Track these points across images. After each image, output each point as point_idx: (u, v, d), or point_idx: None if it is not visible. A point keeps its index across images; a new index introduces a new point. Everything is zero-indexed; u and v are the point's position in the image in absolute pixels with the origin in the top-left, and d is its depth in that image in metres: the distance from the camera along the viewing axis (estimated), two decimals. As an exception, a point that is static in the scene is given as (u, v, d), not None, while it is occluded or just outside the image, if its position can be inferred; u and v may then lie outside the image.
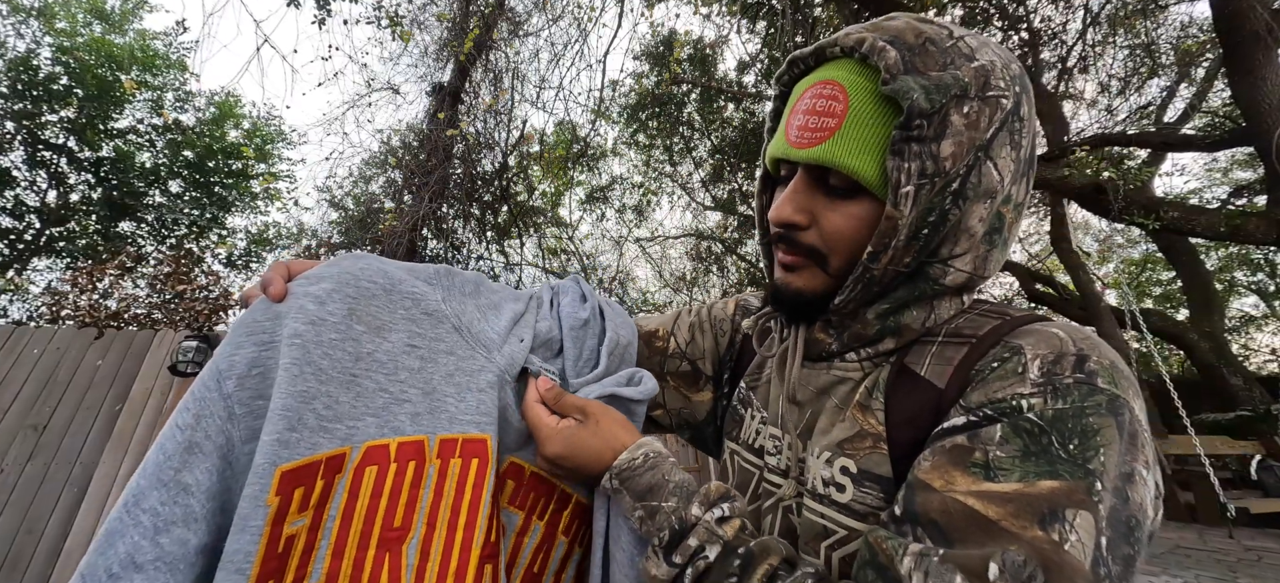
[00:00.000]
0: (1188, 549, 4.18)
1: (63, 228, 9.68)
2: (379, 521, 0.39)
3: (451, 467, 0.42)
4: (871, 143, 0.42)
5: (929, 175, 0.41)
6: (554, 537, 0.49)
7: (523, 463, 0.48)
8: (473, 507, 0.42)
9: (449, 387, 0.44)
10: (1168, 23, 7.55)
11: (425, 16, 6.81)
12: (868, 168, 0.42)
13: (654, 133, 9.79)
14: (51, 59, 9.07)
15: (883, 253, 0.43)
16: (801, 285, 0.49)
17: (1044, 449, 0.35)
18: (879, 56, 0.42)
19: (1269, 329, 13.36)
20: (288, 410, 0.37)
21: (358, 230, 6.68)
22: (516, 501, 0.47)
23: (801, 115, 0.45)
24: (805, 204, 0.46)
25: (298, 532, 0.37)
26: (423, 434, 0.42)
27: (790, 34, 5.54)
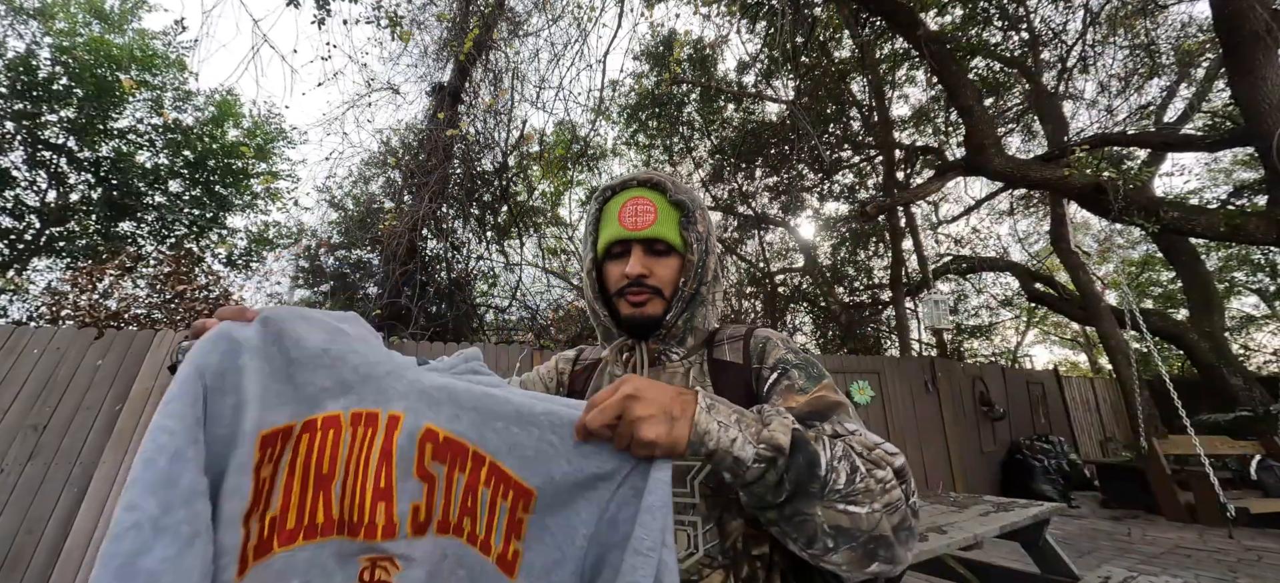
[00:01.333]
0: (1188, 549, 4.18)
1: (63, 228, 9.67)
2: (313, 467, 0.58)
3: (359, 432, 0.60)
4: (672, 224, 0.80)
5: (701, 239, 0.80)
6: (477, 486, 0.59)
7: (439, 429, 0.61)
8: (365, 459, 0.59)
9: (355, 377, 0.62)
10: (1168, 23, 7.55)
11: (425, 16, 6.80)
12: (676, 237, 0.79)
13: (654, 133, 9.78)
14: (51, 59, 9.07)
15: (687, 282, 0.79)
16: (650, 312, 0.79)
17: (811, 371, 0.74)
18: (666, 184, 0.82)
19: (1269, 329, 13.36)
20: (261, 397, 0.56)
21: (358, 230, 6.68)
22: (438, 457, 0.60)
23: (631, 214, 0.79)
24: (647, 263, 0.79)
25: (266, 476, 0.55)
26: (339, 410, 0.60)
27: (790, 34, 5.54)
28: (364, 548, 0.57)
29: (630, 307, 0.79)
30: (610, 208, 0.82)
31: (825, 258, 11.53)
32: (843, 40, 8.19)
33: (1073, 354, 18.61)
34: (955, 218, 11.84)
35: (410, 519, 0.58)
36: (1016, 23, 7.32)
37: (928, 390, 6.15)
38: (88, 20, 9.66)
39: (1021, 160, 5.33)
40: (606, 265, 0.83)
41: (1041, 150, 7.39)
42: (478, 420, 0.61)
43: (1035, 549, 2.92)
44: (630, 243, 0.79)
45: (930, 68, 5.68)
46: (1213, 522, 4.85)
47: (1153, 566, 3.75)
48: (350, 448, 0.59)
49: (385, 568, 0.57)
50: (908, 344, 9.50)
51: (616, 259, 0.81)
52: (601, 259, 0.84)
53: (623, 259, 0.80)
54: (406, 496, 0.58)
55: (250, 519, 0.52)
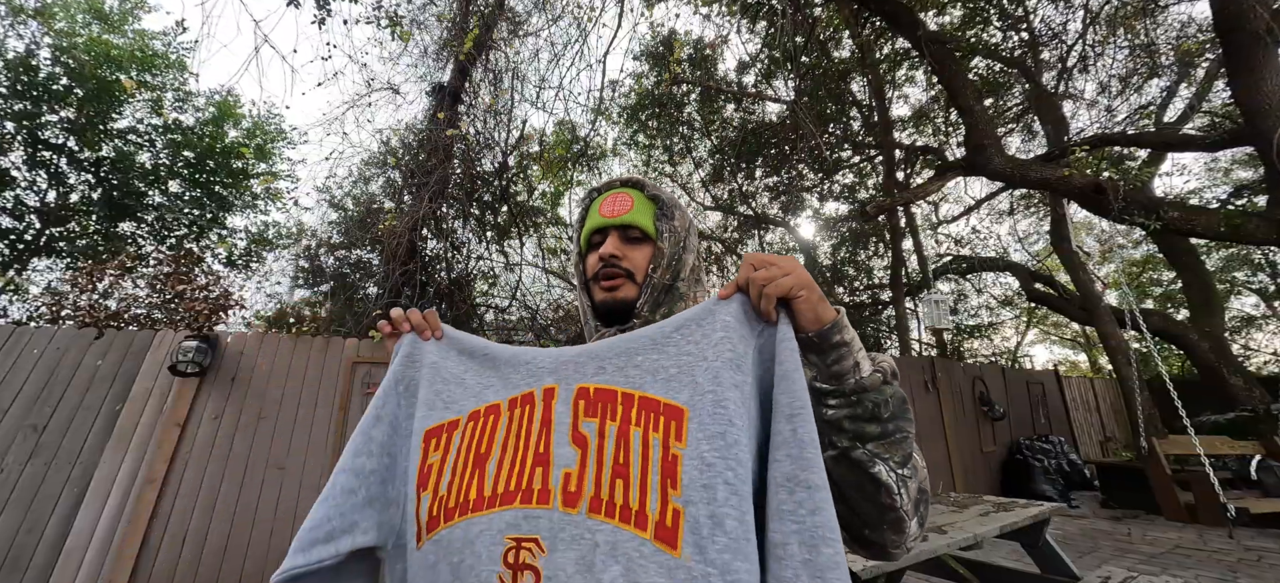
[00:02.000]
0: (1188, 549, 4.18)
1: (63, 228, 9.67)
2: (473, 449, 0.65)
3: (515, 413, 0.67)
4: (647, 216, 0.84)
5: (674, 232, 0.84)
6: (628, 431, 0.61)
7: (588, 385, 0.66)
8: (527, 433, 0.65)
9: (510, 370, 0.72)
10: (1168, 23, 7.55)
11: (425, 16, 6.80)
12: (649, 226, 0.83)
13: (654, 133, 9.78)
14: (51, 59, 9.07)
15: (657, 269, 0.82)
16: (623, 296, 0.82)
17: None
18: (643, 184, 0.88)
19: (1269, 329, 13.36)
20: (427, 401, 0.72)
21: (358, 230, 6.68)
22: (589, 414, 0.63)
23: (610, 205, 0.85)
24: (621, 247, 0.83)
25: (434, 463, 0.66)
26: (499, 399, 0.69)
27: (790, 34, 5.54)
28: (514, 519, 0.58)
29: (603, 291, 0.83)
30: (595, 205, 0.89)
31: (825, 258, 11.52)
32: (843, 40, 8.19)
33: (1073, 354, 18.61)
34: (955, 218, 11.83)
35: (561, 487, 0.59)
36: (1016, 23, 7.32)
37: (928, 390, 6.15)
38: (88, 20, 9.65)
39: (1021, 160, 5.32)
40: (589, 256, 0.87)
41: (1041, 150, 7.39)
42: (620, 364, 0.66)
43: (1035, 549, 2.92)
44: (607, 230, 0.85)
45: (930, 68, 5.68)
46: (1213, 522, 4.85)
47: (1153, 566, 3.75)
48: (509, 428, 0.66)
49: (530, 550, 0.56)
50: (908, 344, 9.50)
51: (595, 248, 0.86)
52: (585, 251, 0.89)
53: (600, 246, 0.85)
54: (561, 463, 0.61)
55: (421, 497, 0.64)
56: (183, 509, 3.24)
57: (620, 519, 0.56)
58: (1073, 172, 4.81)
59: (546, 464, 0.60)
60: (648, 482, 0.57)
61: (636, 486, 0.57)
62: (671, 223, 0.85)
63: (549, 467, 0.60)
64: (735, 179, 10.08)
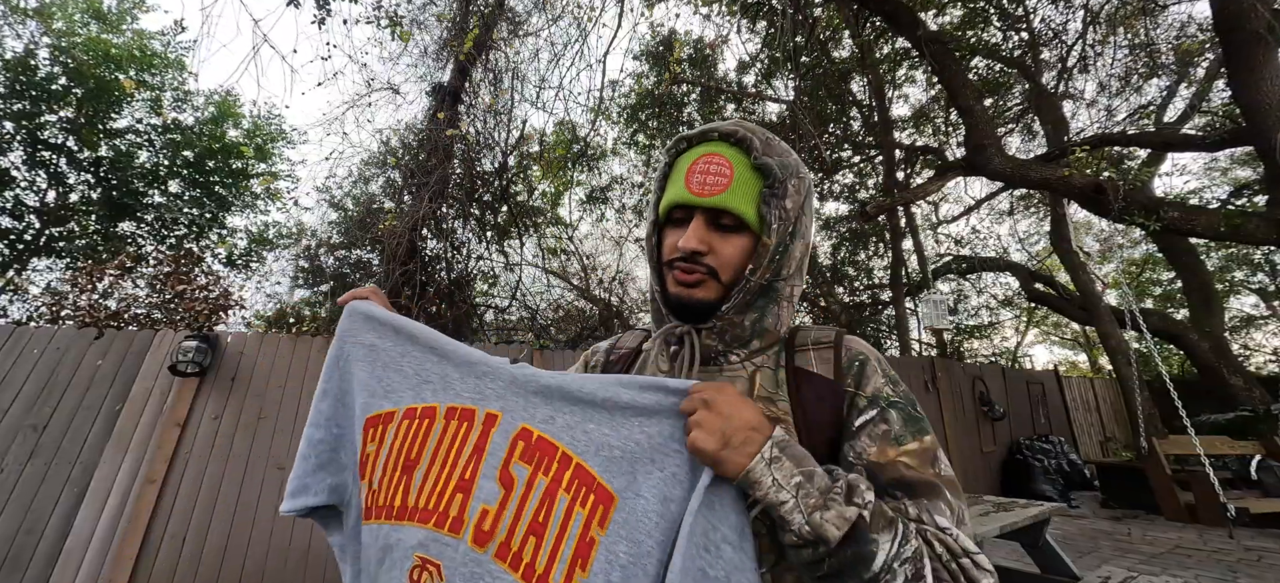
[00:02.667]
0: (1188, 549, 4.18)
1: (63, 228, 9.66)
2: (404, 452, 0.65)
3: (450, 426, 0.65)
4: (750, 196, 0.64)
5: (783, 219, 0.65)
6: (556, 492, 0.59)
7: (532, 428, 0.63)
8: (457, 452, 0.63)
9: (456, 374, 0.69)
10: (1167, 23, 7.55)
11: (425, 16, 6.80)
12: (750, 212, 0.64)
13: (654, 133, 9.78)
14: (49, 59, 9.06)
15: (758, 269, 0.64)
16: (702, 295, 0.66)
17: (916, 418, 0.61)
18: (750, 142, 0.65)
19: (1269, 329, 13.36)
20: (368, 385, 0.72)
21: (357, 230, 6.68)
22: (525, 458, 0.61)
23: (699, 175, 0.65)
24: (706, 237, 0.65)
25: (370, 454, 0.67)
26: (436, 402, 0.67)
27: (790, 34, 5.54)
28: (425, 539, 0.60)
29: (677, 284, 0.67)
30: (681, 164, 0.68)
31: (825, 258, 11.52)
32: (843, 40, 8.19)
33: (1073, 354, 18.61)
34: (955, 218, 11.83)
35: (475, 523, 0.59)
36: (1016, 23, 7.32)
37: (928, 390, 6.15)
38: (86, 20, 9.65)
39: (1021, 160, 5.32)
40: (666, 231, 0.70)
41: (1041, 150, 7.39)
42: (570, 421, 0.62)
43: (1035, 549, 2.92)
44: (692, 209, 0.65)
45: (930, 68, 5.68)
46: (1213, 522, 4.85)
47: (1153, 566, 3.74)
48: (440, 439, 0.65)
49: (431, 574, 0.58)
50: (908, 344, 9.50)
51: (677, 225, 0.68)
52: (663, 223, 0.71)
53: (682, 227, 0.67)
54: (482, 496, 0.60)
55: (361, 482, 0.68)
56: (183, 509, 3.24)
57: (523, 577, 0.56)
58: (1073, 171, 4.81)
59: (467, 493, 0.60)
60: (559, 552, 0.56)
61: (547, 551, 0.56)
62: (783, 203, 0.64)
63: (469, 497, 0.60)
64: (735, 179, 10.06)
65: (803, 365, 0.66)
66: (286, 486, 0.72)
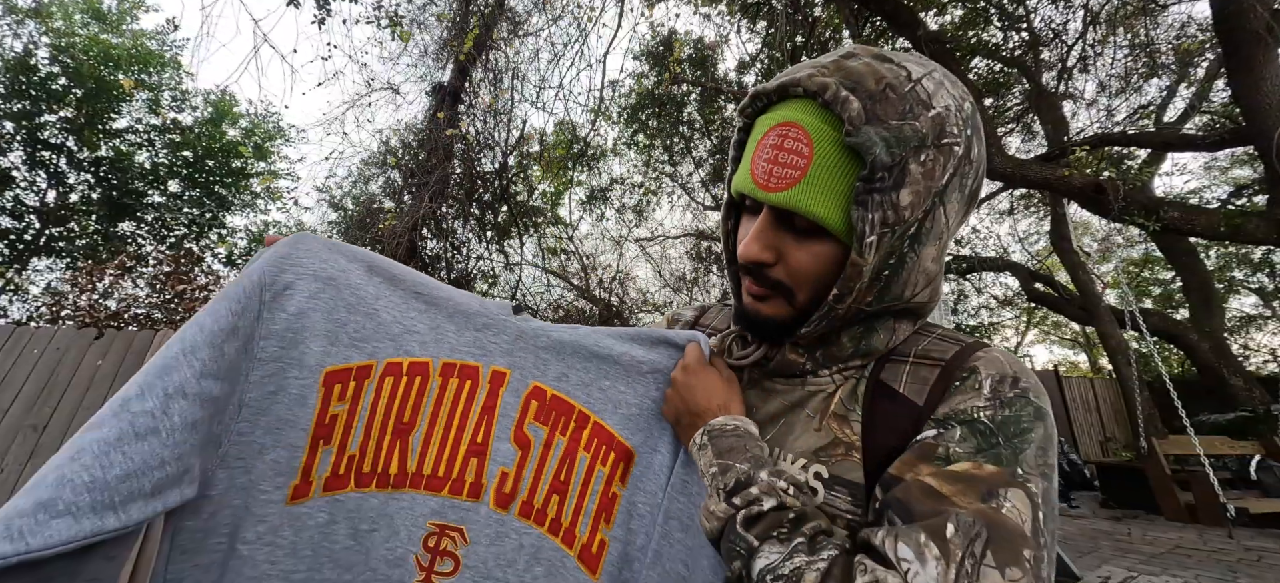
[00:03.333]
0: (1188, 549, 4.18)
1: (63, 228, 9.67)
2: (394, 414, 0.58)
3: (449, 384, 0.59)
4: (835, 191, 0.45)
5: (890, 224, 0.44)
6: (576, 451, 0.59)
7: (545, 387, 0.60)
8: (463, 414, 0.59)
9: (449, 325, 0.61)
10: (1167, 23, 7.55)
11: (425, 16, 6.80)
12: (832, 215, 0.45)
13: (654, 133, 9.78)
14: (49, 59, 9.07)
15: (847, 295, 0.48)
16: (770, 313, 0.53)
17: (991, 445, 0.42)
18: (842, 107, 0.43)
19: (1269, 329, 13.36)
20: (328, 331, 0.57)
21: (357, 230, 6.68)
22: (540, 418, 0.59)
23: (768, 155, 0.47)
24: (772, 242, 0.49)
25: (340, 413, 0.56)
26: (428, 357, 0.59)
27: (790, 34, 5.54)
28: (440, 507, 0.57)
29: (748, 295, 0.54)
30: (757, 130, 0.50)
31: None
32: (843, 40, 8.19)
33: (1073, 354, 18.62)
34: (955, 218, 11.83)
35: (495, 486, 0.58)
36: (1016, 23, 7.32)
37: (928, 390, 6.14)
38: (85, 20, 9.65)
39: (1021, 160, 5.32)
40: (742, 219, 0.55)
41: (1041, 150, 7.39)
42: (584, 378, 0.61)
43: (1035, 549, 2.92)
44: (759, 204, 0.50)
45: (930, 68, 5.68)
46: (1213, 522, 4.84)
47: (1153, 566, 3.74)
48: (438, 399, 0.59)
49: (453, 538, 0.56)
50: (908, 344, 9.50)
51: (750, 213, 0.53)
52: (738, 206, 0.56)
53: (755, 216, 0.51)
54: (498, 459, 0.59)
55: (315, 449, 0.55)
56: (183, 510, 3.24)
57: (549, 530, 0.57)
58: (1073, 171, 4.81)
59: (483, 457, 0.59)
60: (583, 507, 0.58)
61: (572, 507, 0.58)
62: (892, 200, 0.43)
63: (485, 460, 0.59)
64: (735, 179, 10.07)
65: (888, 381, 0.51)
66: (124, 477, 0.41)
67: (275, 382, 0.54)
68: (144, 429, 0.44)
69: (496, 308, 0.63)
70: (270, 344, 0.55)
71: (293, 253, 0.58)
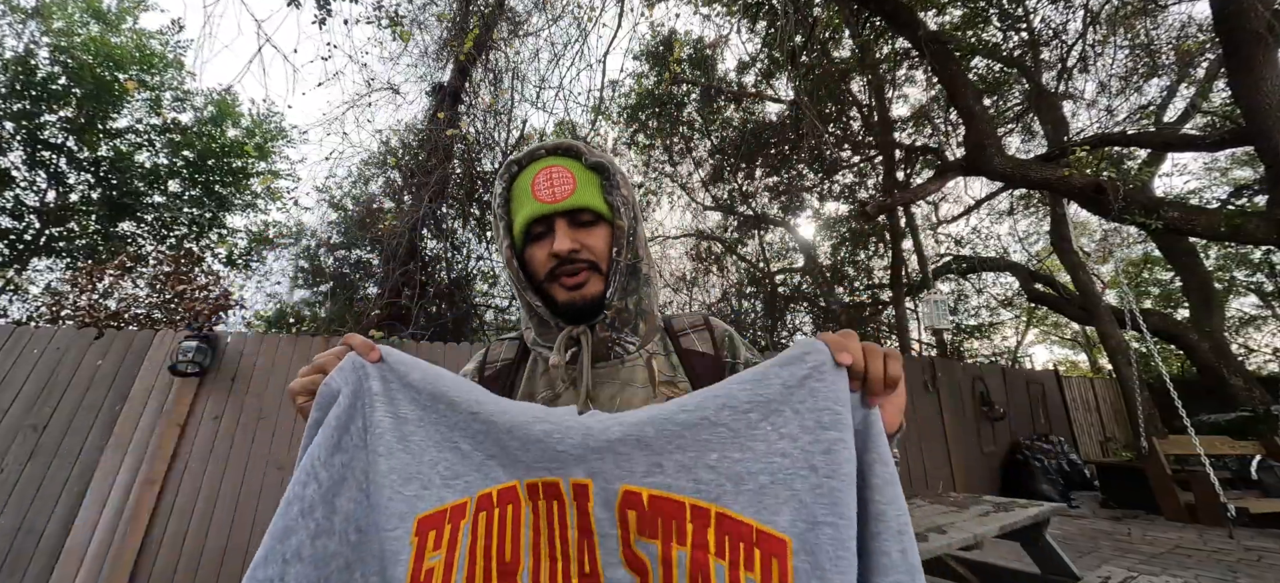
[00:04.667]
0: (1188, 549, 4.18)
1: (63, 228, 9.67)
2: (495, 557, 0.49)
3: (540, 507, 0.50)
4: (595, 191, 0.70)
5: (626, 203, 0.71)
6: (706, 562, 0.44)
7: (639, 488, 0.47)
8: (563, 542, 0.49)
9: (513, 440, 0.52)
10: (1168, 23, 7.55)
11: (425, 16, 6.80)
12: (600, 204, 0.70)
13: (654, 133, 9.78)
14: (49, 58, 9.06)
15: (622, 252, 0.70)
16: (591, 292, 0.69)
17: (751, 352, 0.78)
18: (578, 150, 0.72)
19: (1269, 329, 13.36)
20: (419, 474, 0.51)
21: (357, 230, 6.68)
22: (647, 530, 0.46)
23: (546, 186, 0.68)
24: (574, 236, 0.69)
25: (435, 565, 0.48)
26: (514, 480, 0.51)
27: (790, 34, 5.53)
28: None
29: (567, 290, 0.69)
30: (520, 185, 0.71)
31: (825, 258, 11.52)
32: (843, 40, 8.19)
33: (1073, 354, 18.61)
34: (955, 218, 11.83)
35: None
36: (1016, 23, 7.32)
37: (928, 391, 6.15)
38: (86, 19, 9.65)
39: (1021, 160, 5.32)
40: (528, 251, 0.71)
41: (1041, 150, 7.39)
42: (685, 460, 0.47)
43: (1035, 549, 2.92)
44: (552, 217, 0.68)
45: (930, 68, 5.68)
46: (1213, 522, 4.84)
47: (1153, 566, 3.74)
48: (535, 527, 0.50)
49: None
50: (908, 344, 9.50)
51: (538, 240, 0.70)
52: (521, 246, 0.72)
53: (546, 239, 0.69)
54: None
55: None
56: (183, 509, 3.24)
57: None
58: (1073, 171, 4.81)
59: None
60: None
61: None
62: (620, 193, 0.71)
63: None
64: (735, 179, 10.08)
65: (690, 347, 0.76)
66: None
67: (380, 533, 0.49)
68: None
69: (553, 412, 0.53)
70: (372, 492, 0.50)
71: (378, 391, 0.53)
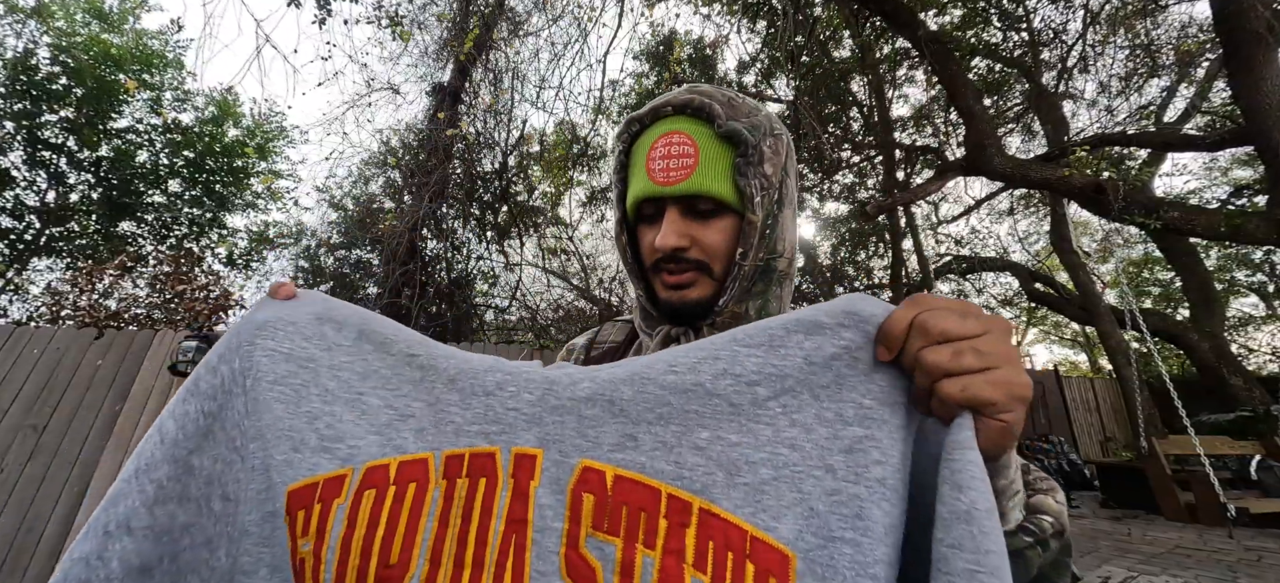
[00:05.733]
0: (1188, 549, 4.18)
1: (63, 228, 9.67)
2: (375, 555, 0.35)
3: (458, 489, 0.36)
4: (721, 171, 0.55)
5: (765, 189, 0.56)
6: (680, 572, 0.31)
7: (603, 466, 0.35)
8: (479, 541, 0.34)
9: (452, 393, 0.40)
10: (1168, 23, 7.55)
11: (425, 16, 6.80)
12: (726, 190, 0.55)
13: (654, 133, 9.76)
14: (50, 58, 9.07)
15: (749, 252, 0.56)
16: (696, 296, 0.58)
17: None
18: (709, 111, 0.55)
19: (1269, 329, 13.37)
20: (293, 431, 0.38)
21: (357, 230, 6.68)
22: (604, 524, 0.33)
23: (662, 160, 0.55)
24: (684, 229, 0.56)
25: (306, 554, 0.35)
26: (427, 451, 0.38)
27: (790, 34, 5.53)
28: None
29: (667, 289, 0.58)
30: (639, 149, 0.59)
31: (825, 258, 11.52)
32: (843, 40, 8.19)
33: (1073, 354, 18.62)
34: (955, 218, 11.84)
35: None
36: (1016, 23, 7.32)
37: (928, 390, 6.15)
38: (87, 19, 9.66)
39: (1021, 160, 5.32)
40: (640, 228, 0.61)
41: (1041, 150, 7.39)
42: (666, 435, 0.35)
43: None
44: (663, 201, 0.57)
45: (930, 68, 5.68)
46: (1213, 522, 4.84)
47: (1153, 566, 3.74)
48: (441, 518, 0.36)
49: None
50: (908, 344, 9.49)
51: (649, 222, 0.59)
52: (634, 221, 0.62)
53: (655, 224, 0.58)
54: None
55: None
56: (183, 509, 3.24)
57: None
58: (1073, 171, 4.81)
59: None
60: None
61: None
62: (762, 170, 0.55)
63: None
64: (735, 179, 10.07)
65: None
66: None
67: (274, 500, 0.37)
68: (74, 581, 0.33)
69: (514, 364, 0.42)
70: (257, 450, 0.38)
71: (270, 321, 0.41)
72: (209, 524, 0.37)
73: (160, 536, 0.36)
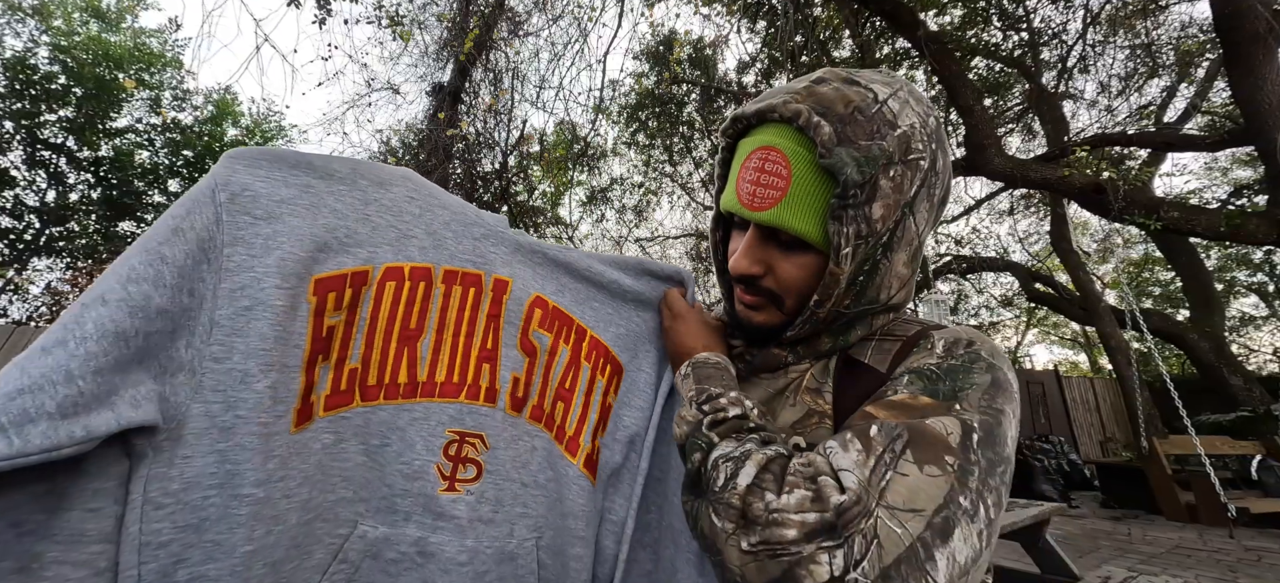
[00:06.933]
0: (1188, 549, 4.18)
1: (63, 228, 9.67)
2: (398, 321, 0.54)
3: (453, 291, 0.57)
4: (813, 208, 0.50)
5: (863, 236, 0.49)
6: (578, 361, 0.63)
7: (546, 298, 0.62)
8: (470, 321, 0.58)
9: (448, 232, 0.58)
10: (1168, 23, 7.54)
11: (425, 16, 6.80)
12: (812, 229, 0.50)
13: (654, 133, 9.78)
14: (49, 58, 9.07)
15: (826, 301, 0.52)
16: (762, 321, 0.58)
17: (931, 384, 0.47)
18: (815, 132, 0.48)
19: (1269, 329, 13.37)
20: (314, 237, 0.49)
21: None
22: (545, 325, 0.62)
23: (752, 177, 0.51)
24: (760, 256, 0.54)
25: (336, 324, 0.51)
26: (429, 263, 0.56)
27: (790, 34, 5.53)
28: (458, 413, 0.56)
29: (742, 305, 0.58)
30: (740, 151, 0.55)
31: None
32: (843, 40, 8.19)
33: (1073, 354, 18.63)
34: (955, 218, 11.83)
35: (510, 391, 0.59)
36: (1016, 23, 7.32)
37: (928, 390, 6.15)
38: (86, 19, 9.65)
39: (1021, 160, 5.32)
40: (731, 233, 0.61)
41: (1041, 150, 7.39)
42: (579, 295, 0.65)
43: (1035, 549, 2.92)
44: (747, 223, 0.55)
45: (930, 68, 5.68)
46: (1213, 522, 4.85)
47: (1153, 566, 3.74)
48: (443, 306, 0.57)
49: (474, 445, 0.56)
50: (908, 344, 9.50)
51: (739, 229, 0.58)
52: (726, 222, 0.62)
53: (742, 233, 0.56)
54: (509, 364, 0.59)
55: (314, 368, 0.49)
56: (183, 509, 3.24)
57: (556, 437, 0.61)
58: (1073, 171, 4.81)
59: (494, 362, 0.59)
60: (587, 417, 0.63)
61: (576, 415, 0.63)
62: (864, 212, 0.48)
63: (496, 365, 0.59)
64: (735, 179, 10.08)
65: (855, 355, 0.56)
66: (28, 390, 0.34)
67: (250, 296, 0.45)
68: (51, 343, 0.37)
69: (494, 220, 0.63)
70: (239, 252, 0.45)
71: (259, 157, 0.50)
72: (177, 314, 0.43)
73: (135, 310, 0.40)
